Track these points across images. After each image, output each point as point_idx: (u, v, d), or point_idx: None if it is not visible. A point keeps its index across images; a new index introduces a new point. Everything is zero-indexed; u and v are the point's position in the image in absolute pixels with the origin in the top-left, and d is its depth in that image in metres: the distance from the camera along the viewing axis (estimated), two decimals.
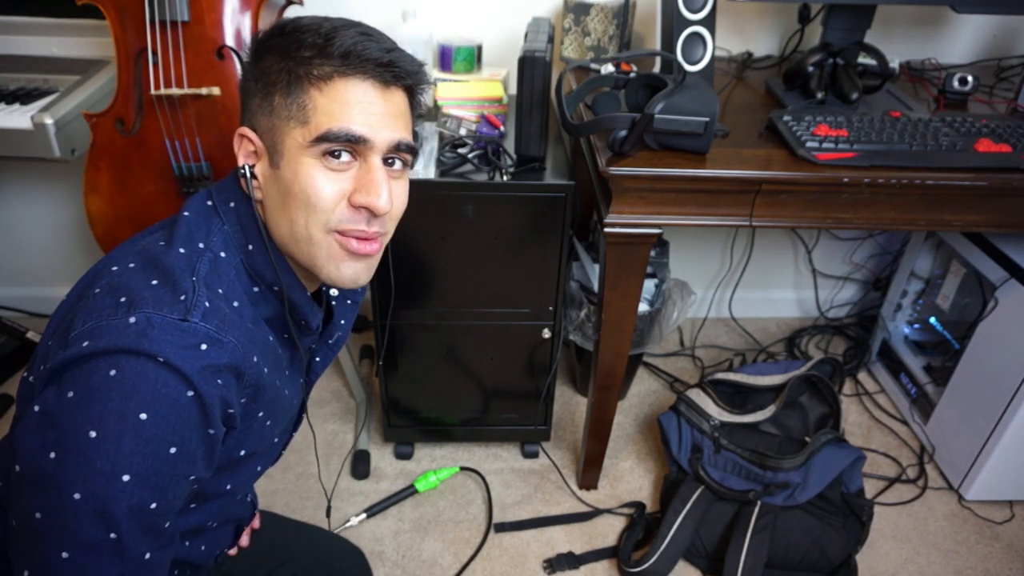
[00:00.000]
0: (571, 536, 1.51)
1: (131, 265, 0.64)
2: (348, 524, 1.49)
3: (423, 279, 1.39)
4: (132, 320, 0.58)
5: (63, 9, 1.59)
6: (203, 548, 0.82)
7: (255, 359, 0.67)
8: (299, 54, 0.67)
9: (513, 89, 1.45)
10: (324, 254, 0.70)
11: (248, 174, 0.70)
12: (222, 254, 0.68)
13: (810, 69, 1.34)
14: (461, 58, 1.51)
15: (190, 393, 0.59)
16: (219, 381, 0.61)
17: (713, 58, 1.31)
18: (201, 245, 0.67)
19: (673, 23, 1.27)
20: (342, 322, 0.88)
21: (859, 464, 1.47)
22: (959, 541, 1.53)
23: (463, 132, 1.35)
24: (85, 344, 0.58)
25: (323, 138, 0.66)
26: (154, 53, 1.30)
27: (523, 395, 1.57)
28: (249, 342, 0.66)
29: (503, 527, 1.51)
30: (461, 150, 1.34)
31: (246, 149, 0.71)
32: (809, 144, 1.14)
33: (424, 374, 1.52)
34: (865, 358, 2.00)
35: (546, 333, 1.46)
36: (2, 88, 1.50)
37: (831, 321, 2.19)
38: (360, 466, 1.61)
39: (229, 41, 1.32)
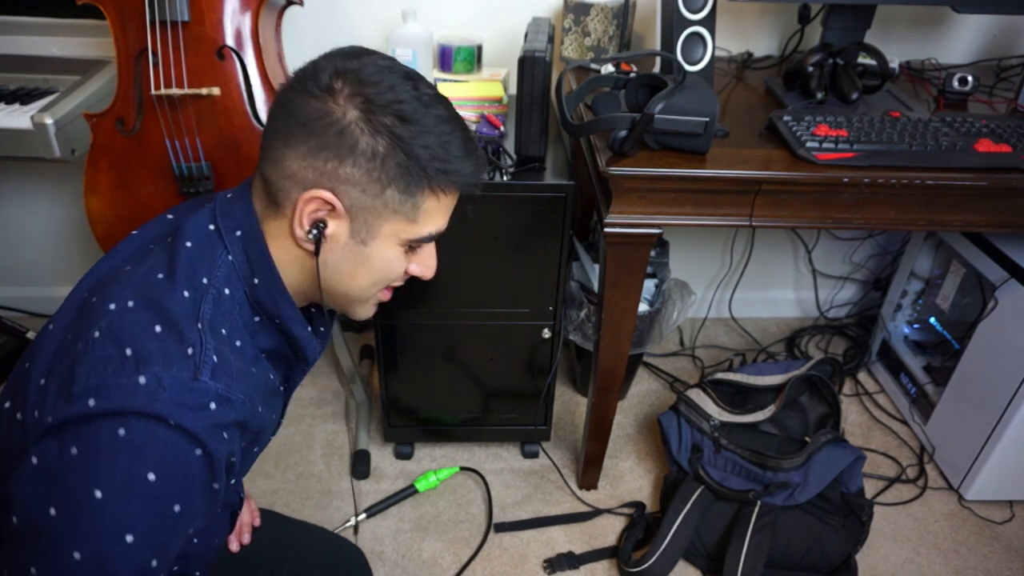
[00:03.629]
0: (571, 536, 1.51)
1: (130, 304, 0.62)
2: (348, 524, 1.49)
3: (423, 279, 1.39)
4: (142, 380, 0.57)
5: (63, 9, 1.59)
6: (196, 541, 0.81)
7: (260, 409, 0.68)
8: (429, 163, 0.68)
9: (513, 89, 1.45)
10: (363, 305, 0.78)
11: (319, 235, 0.69)
12: (226, 291, 0.68)
13: (810, 69, 1.34)
14: (461, 58, 1.51)
15: (198, 452, 0.59)
16: (225, 436, 0.62)
17: (713, 58, 1.31)
18: (205, 281, 0.66)
19: (673, 23, 1.27)
20: (322, 329, 0.88)
21: (859, 464, 1.47)
22: (959, 541, 1.53)
23: None
24: (92, 403, 0.57)
25: (423, 239, 0.73)
26: (154, 53, 1.30)
27: (523, 395, 1.57)
28: (255, 392, 0.67)
29: (503, 527, 1.51)
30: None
31: (319, 208, 0.68)
32: (809, 144, 1.14)
33: (424, 374, 1.52)
34: (865, 358, 2.00)
35: (546, 333, 1.46)
36: (2, 88, 1.51)
37: (831, 321, 2.19)
38: (360, 466, 1.61)
39: (229, 41, 1.33)
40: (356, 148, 0.66)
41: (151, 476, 0.57)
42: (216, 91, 1.32)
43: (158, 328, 0.61)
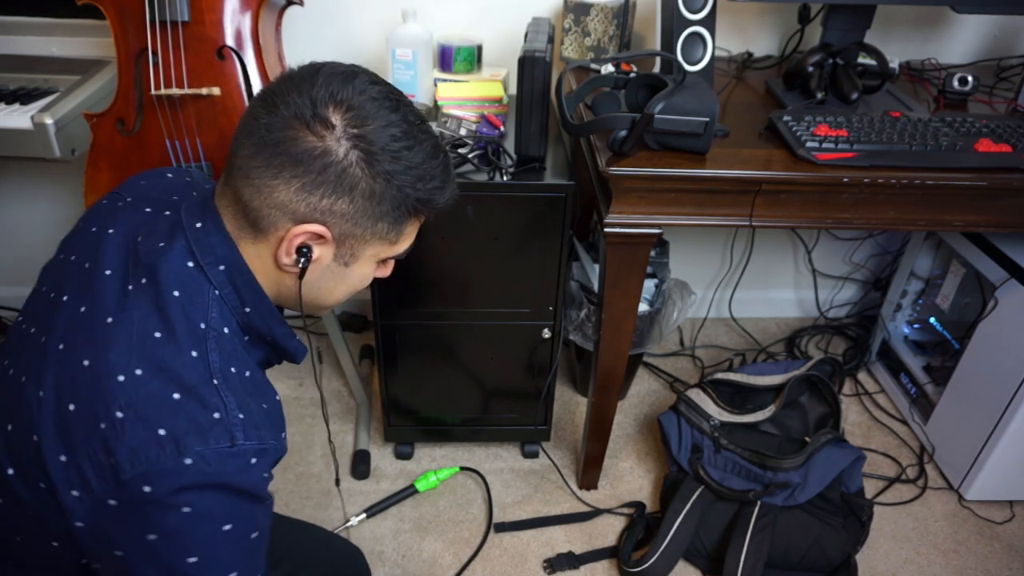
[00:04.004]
0: (571, 536, 1.51)
1: (138, 373, 0.63)
2: (348, 524, 1.49)
3: (423, 279, 1.39)
4: (188, 462, 0.61)
5: (63, 9, 1.59)
6: None
7: (283, 435, 0.72)
8: (419, 196, 0.72)
9: (513, 89, 1.45)
10: (328, 309, 0.82)
11: (307, 262, 0.71)
12: (225, 330, 0.69)
13: (810, 69, 1.34)
14: (461, 58, 1.51)
15: (251, 496, 0.66)
16: (267, 475, 0.68)
17: (713, 58, 1.31)
18: (203, 326, 0.67)
19: (673, 23, 1.27)
20: None
21: (859, 464, 1.47)
22: (959, 541, 1.53)
23: (463, 132, 1.35)
24: (147, 489, 0.60)
25: (398, 256, 0.78)
26: (154, 53, 1.30)
27: (523, 395, 1.57)
28: (277, 424, 0.71)
29: (503, 527, 1.51)
30: (461, 150, 1.34)
31: (308, 239, 0.70)
32: (809, 144, 1.14)
33: (424, 374, 1.52)
34: (865, 358, 2.00)
35: (546, 333, 1.46)
36: (2, 88, 1.50)
37: (831, 321, 2.19)
38: (360, 466, 1.61)
39: (229, 41, 1.32)
40: (355, 188, 0.68)
41: (226, 527, 0.64)
42: (216, 91, 1.32)
43: (176, 396, 0.63)
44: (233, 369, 0.67)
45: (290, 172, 0.66)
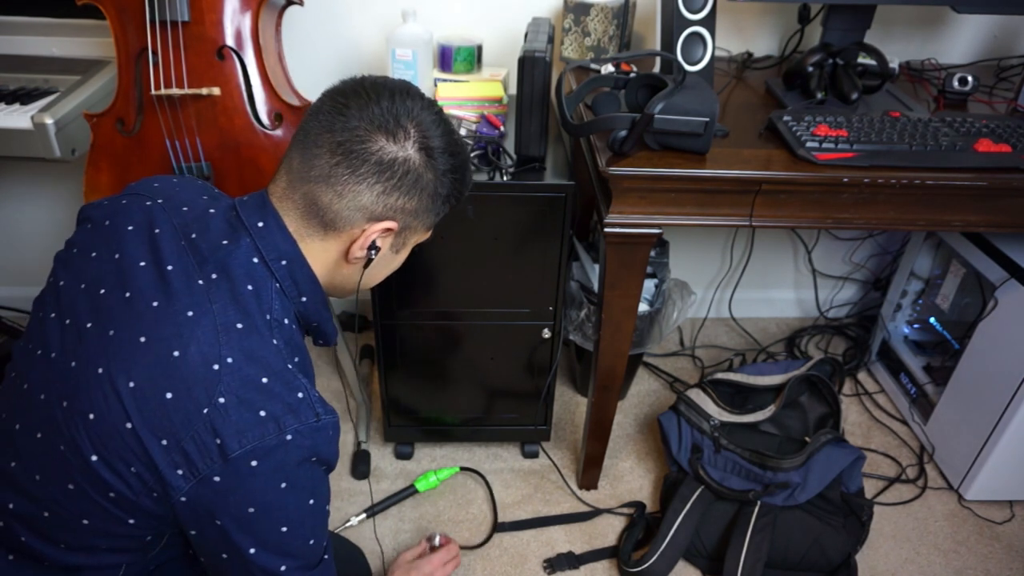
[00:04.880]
0: (571, 536, 1.51)
1: (230, 361, 0.71)
2: (348, 524, 1.49)
3: (423, 279, 1.39)
4: (288, 438, 0.70)
5: (63, 9, 1.60)
6: None
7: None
8: (463, 193, 0.86)
9: (513, 89, 1.45)
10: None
11: (377, 251, 0.82)
12: (285, 320, 0.78)
13: (810, 69, 1.34)
14: (461, 58, 1.51)
15: (327, 467, 0.77)
16: (338, 447, 0.79)
17: (713, 58, 1.31)
18: (269, 317, 0.76)
19: (673, 23, 1.27)
20: None
21: (859, 464, 1.47)
22: (959, 541, 1.53)
23: (463, 132, 1.35)
24: (254, 464, 0.69)
25: (424, 242, 0.90)
26: (154, 53, 1.30)
27: (523, 395, 1.57)
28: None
29: (503, 527, 1.51)
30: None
31: (383, 234, 0.81)
32: (809, 144, 1.14)
33: (424, 374, 1.52)
34: (865, 358, 2.00)
35: (546, 333, 1.46)
36: (2, 88, 1.51)
37: (831, 321, 2.19)
38: (360, 466, 1.61)
39: (229, 41, 1.33)
40: (425, 190, 0.80)
41: (311, 501, 0.76)
42: (216, 91, 1.32)
43: (265, 380, 0.71)
44: (295, 356, 0.77)
45: (375, 178, 0.76)
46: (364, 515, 1.51)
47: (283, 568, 0.76)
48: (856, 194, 1.14)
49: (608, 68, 1.41)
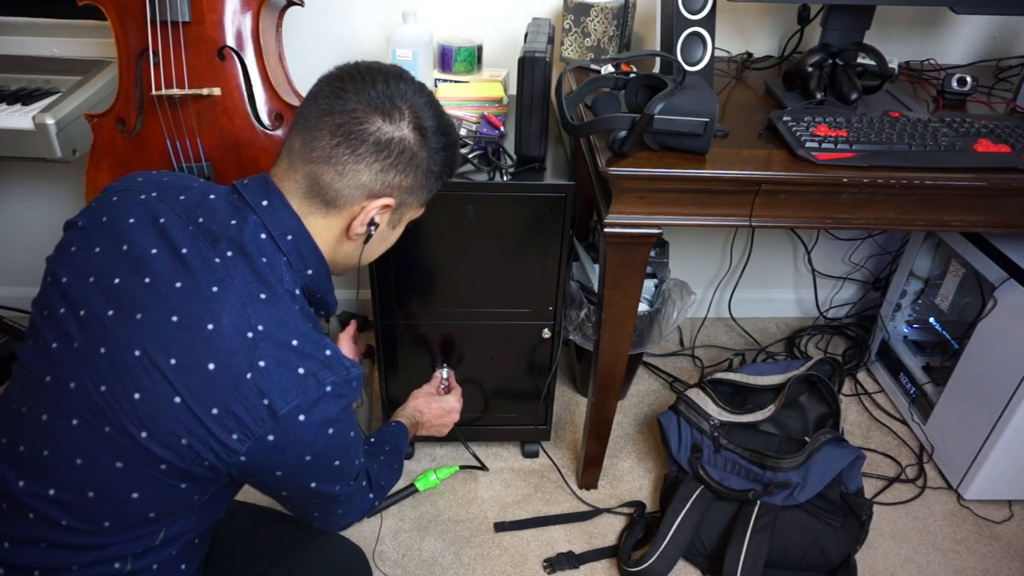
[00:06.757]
0: (571, 535, 1.51)
1: (261, 328, 0.75)
2: None
3: (423, 279, 1.39)
4: (328, 390, 0.76)
5: (64, 9, 1.60)
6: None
7: None
8: (452, 170, 0.92)
9: (513, 89, 1.45)
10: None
11: (376, 227, 0.87)
12: (296, 291, 0.82)
13: (809, 69, 1.34)
14: (461, 58, 1.51)
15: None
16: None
17: (713, 58, 1.31)
18: (283, 288, 0.80)
19: (673, 23, 1.27)
20: None
21: (858, 464, 1.47)
22: (958, 541, 1.53)
23: (463, 132, 1.35)
24: (302, 418, 0.74)
25: (416, 218, 0.94)
26: (155, 53, 1.30)
27: (523, 395, 1.57)
28: None
29: (503, 527, 1.52)
30: (461, 150, 1.34)
31: (381, 211, 0.85)
32: (809, 144, 1.14)
33: (424, 374, 1.52)
34: (864, 358, 2.00)
35: (546, 333, 1.46)
36: (3, 89, 1.51)
37: (830, 321, 2.19)
38: None
39: (230, 41, 1.33)
40: (420, 168, 0.85)
41: (352, 433, 0.83)
42: (217, 91, 1.32)
43: (295, 342, 0.76)
44: (309, 322, 0.80)
45: (373, 157, 0.80)
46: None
47: (337, 488, 0.85)
48: (855, 194, 1.14)
49: (608, 68, 1.41)
